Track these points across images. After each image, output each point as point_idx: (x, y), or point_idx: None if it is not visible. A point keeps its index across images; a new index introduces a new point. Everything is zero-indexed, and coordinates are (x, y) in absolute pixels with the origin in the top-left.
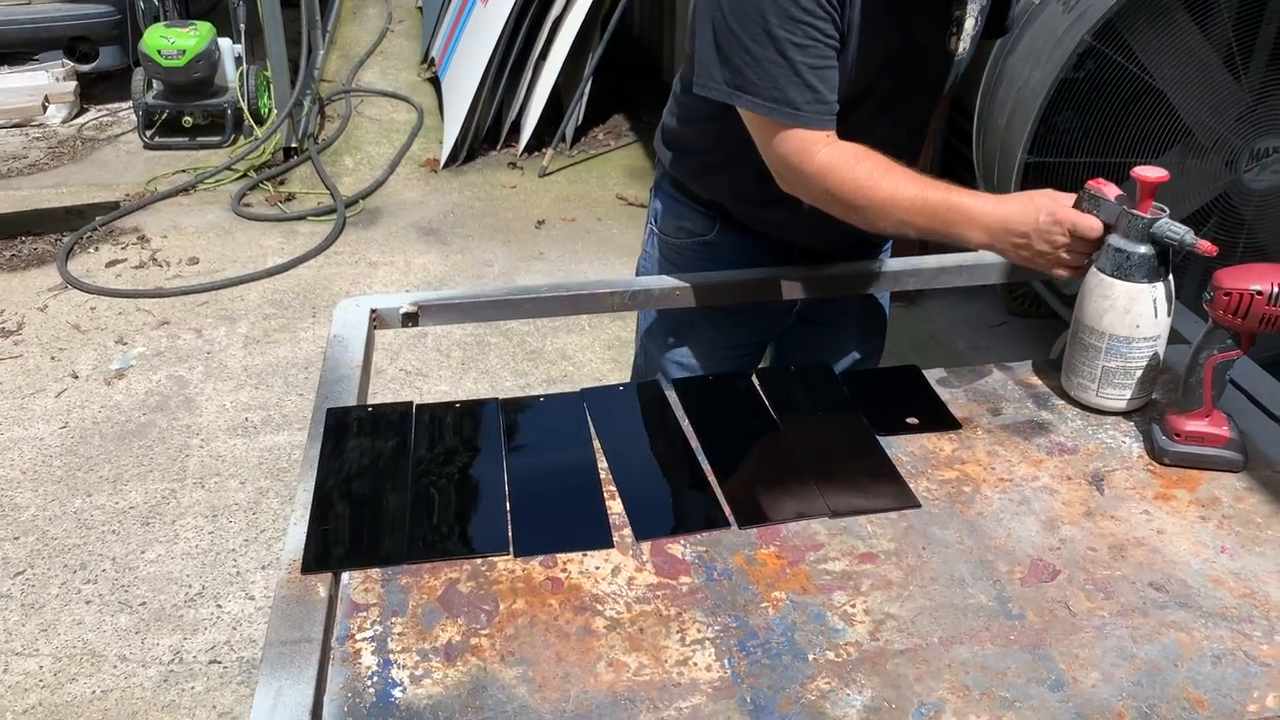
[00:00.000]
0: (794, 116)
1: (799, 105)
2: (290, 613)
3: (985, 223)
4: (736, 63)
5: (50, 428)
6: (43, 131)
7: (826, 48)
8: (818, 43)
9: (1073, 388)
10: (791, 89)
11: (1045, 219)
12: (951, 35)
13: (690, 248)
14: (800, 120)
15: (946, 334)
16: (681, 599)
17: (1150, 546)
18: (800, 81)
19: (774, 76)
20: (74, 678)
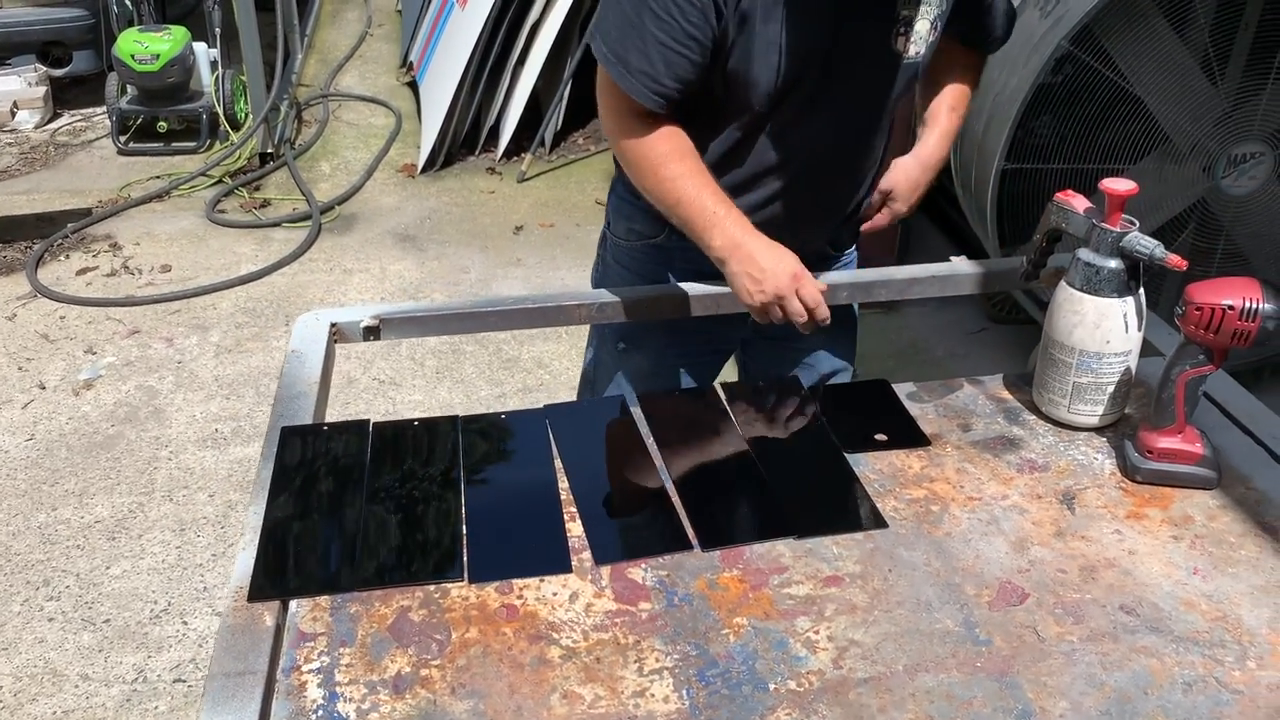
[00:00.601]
0: (622, 77)
1: (631, 70)
2: (234, 643)
3: (735, 239)
4: (607, 10)
5: (16, 440)
6: (15, 137)
7: (685, 35)
8: (675, 22)
9: (1044, 403)
10: (632, 52)
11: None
12: (898, 35)
13: (641, 250)
14: (625, 84)
15: (926, 341)
16: (640, 626)
17: (1121, 568)
18: (642, 49)
19: (624, 33)
20: (34, 698)
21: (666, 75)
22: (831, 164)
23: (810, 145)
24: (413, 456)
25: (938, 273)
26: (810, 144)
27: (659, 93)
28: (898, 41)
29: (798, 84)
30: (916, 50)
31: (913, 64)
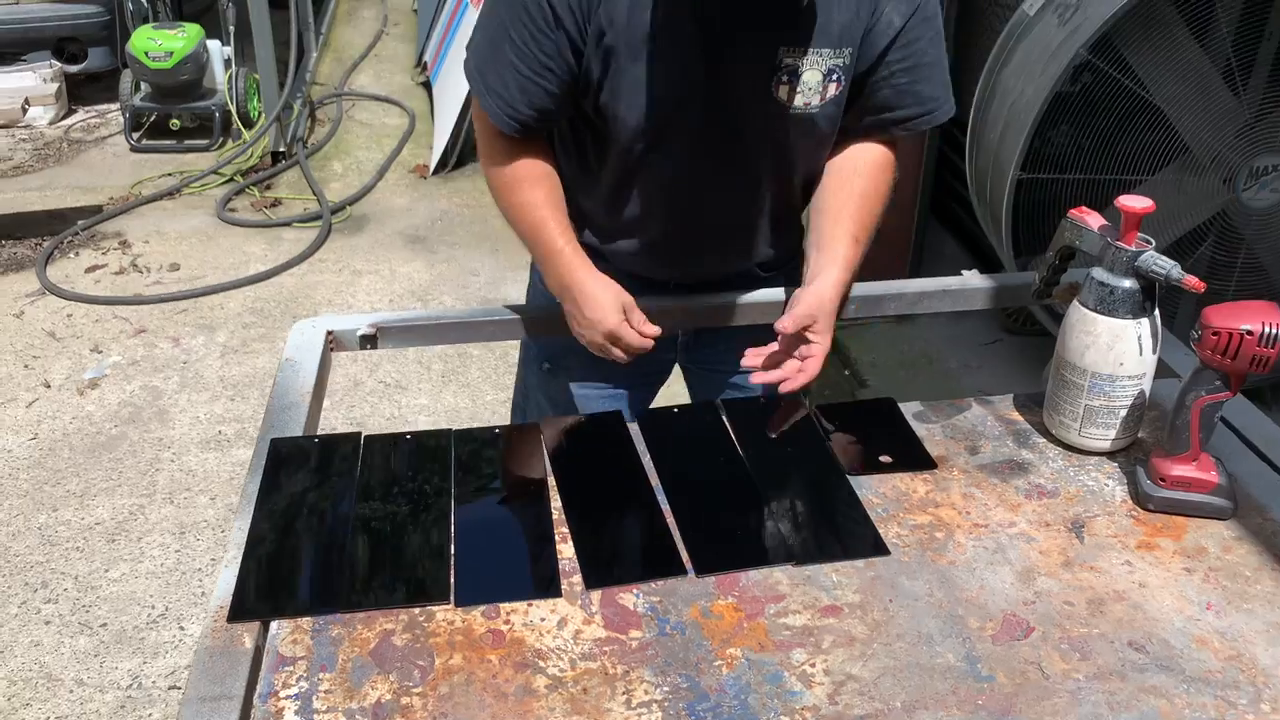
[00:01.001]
0: (481, 96)
1: (489, 90)
2: (212, 666)
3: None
4: (478, 28)
5: (19, 439)
6: (29, 133)
7: (540, 65)
8: (531, 52)
9: (1054, 426)
10: (491, 74)
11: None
12: (780, 84)
13: None
14: (483, 103)
15: (938, 351)
16: (630, 656)
17: (1131, 601)
18: (499, 74)
19: (486, 54)
20: (28, 703)
21: (522, 102)
22: (730, 206)
23: (701, 186)
24: (404, 472)
25: (949, 287)
26: (701, 184)
27: (514, 118)
28: (779, 90)
29: (671, 125)
30: (807, 102)
31: (807, 115)
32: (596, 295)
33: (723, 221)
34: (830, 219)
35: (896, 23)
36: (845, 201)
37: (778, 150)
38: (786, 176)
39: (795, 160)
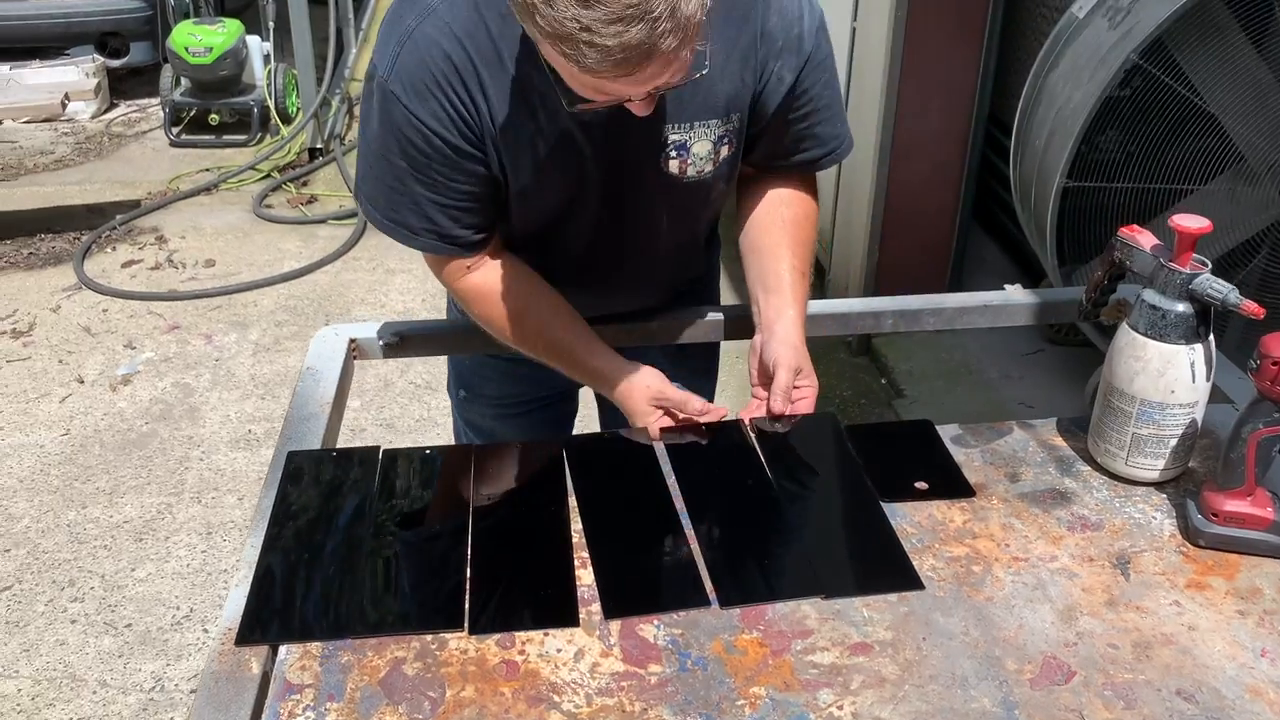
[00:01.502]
0: (409, 239)
1: (415, 230)
2: (218, 692)
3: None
4: (365, 178)
5: (52, 434)
6: (72, 126)
7: (461, 194)
8: (447, 184)
9: (1100, 454)
10: (410, 215)
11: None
12: (669, 159)
13: None
14: (414, 244)
15: (978, 361)
16: (649, 692)
17: (1179, 646)
18: (419, 211)
19: (392, 200)
20: (52, 703)
21: (455, 227)
22: (638, 259)
23: (608, 248)
24: (422, 490)
25: (990, 301)
26: (608, 247)
27: (456, 241)
28: (669, 165)
29: (571, 210)
30: (699, 170)
31: (701, 181)
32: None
33: (633, 271)
34: (770, 256)
35: (788, 78)
36: (779, 235)
37: (678, 211)
38: (691, 224)
39: (698, 213)
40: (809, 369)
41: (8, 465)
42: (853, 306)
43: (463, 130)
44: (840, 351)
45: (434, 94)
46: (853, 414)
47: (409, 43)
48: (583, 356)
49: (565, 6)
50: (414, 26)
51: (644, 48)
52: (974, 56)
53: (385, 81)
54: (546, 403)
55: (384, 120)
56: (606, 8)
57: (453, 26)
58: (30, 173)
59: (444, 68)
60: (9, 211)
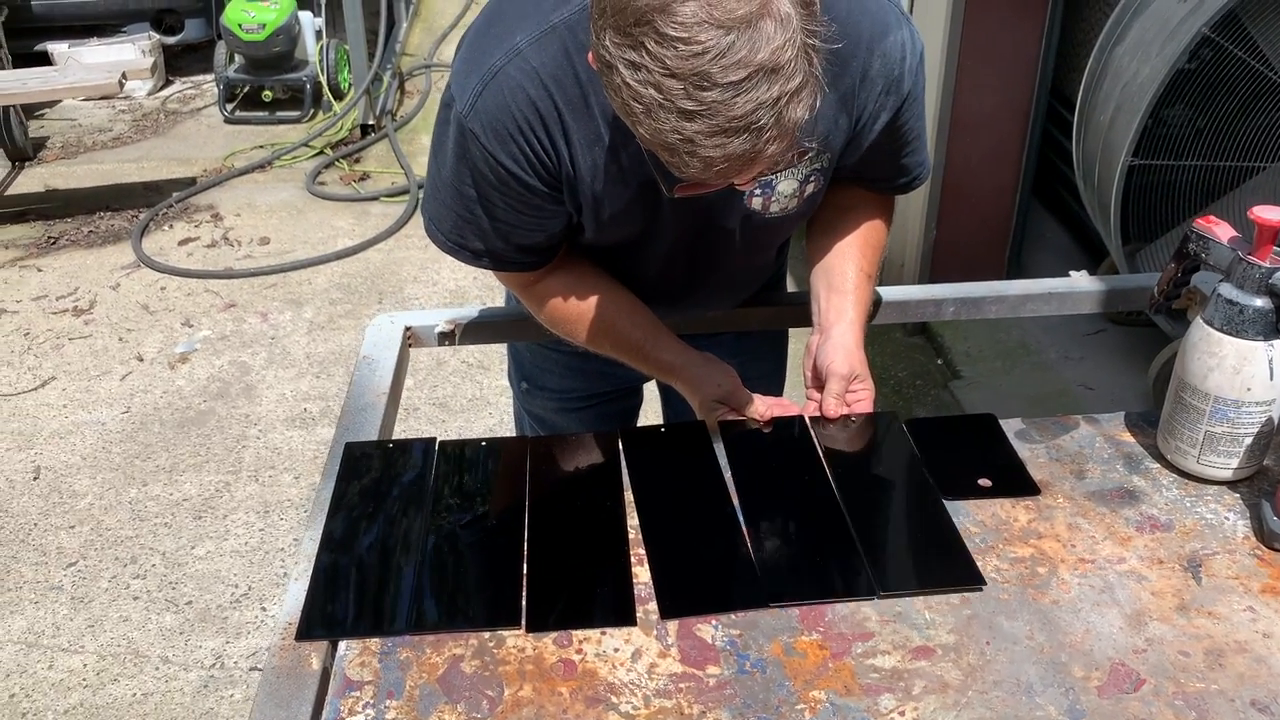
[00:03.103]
0: (472, 260)
1: (478, 254)
2: (279, 688)
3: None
4: (430, 201)
5: (113, 412)
6: (129, 104)
7: (530, 218)
8: (517, 213)
9: (1170, 451)
10: (472, 239)
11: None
12: (753, 197)
13: None
14: (479, 264)
15: (1037, 342)
16: (707, 694)
17: (1254, 654)
18: (481, 235)
19: (458, 225)
20: (116, 678)
21: (520, 254)
22: (711, 281)
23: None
24: (478, 483)
25: (1055, 289)
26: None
27: (517, 263)
28: (753, 202)
29: (645, 242)
30: (782, 208)
31: (784, 218)
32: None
33: (703, 292)
34: (837, 255)
35: (885, 118)
36: (851, 237)
37: (755, 243)
38: (767, 250)
39: (775, 241)
40: (865, 373)
41: (71, 442)
42: (912, 294)
43: (540, 174)
44: (896, 331)
45: (514, 139)
46: (908, 395)
47: (493, 83)
48: (652, 351)
49: (666, 119)
50: (499, 66)
51: (748, 156)
52: (1036, 29)
53: (464, 118)
54: (610, 398)
55: (459, 154)
56: (709, 120)
57: (540, 72)
58: (89, 150)
59: (527, 114)
60: (69, 189)
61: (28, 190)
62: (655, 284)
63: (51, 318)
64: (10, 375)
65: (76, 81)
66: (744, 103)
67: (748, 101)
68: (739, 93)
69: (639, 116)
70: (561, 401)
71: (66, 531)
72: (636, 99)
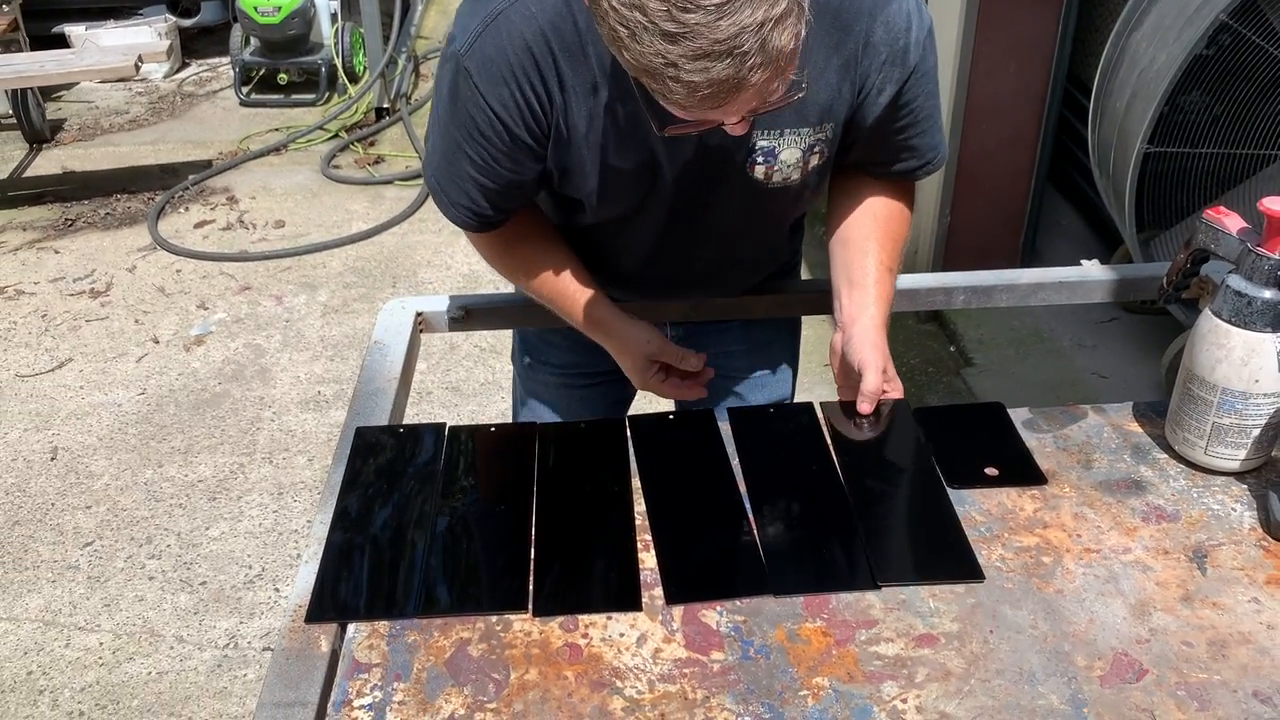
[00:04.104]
0: (445, 208)
1: (453, 202)
2: (288, 670)
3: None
4: (430, 140)
5: (129, 394)
6: (145, 86)
7: (500, 176)
8: (491, 167)
9: (1178, 442)
10: (451, 188)
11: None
12: (754, 165)
13: None
14: (447, 213)
15: (1050, 329)
16: (711, 679)
17: (1258, 645)
18: (461, 187)
19: (442, 169)
20: (132, 656)
21: (488, 207)
22: (713, 258)
23: (679, 247)
24: (487, 468)
25: (1066, 278)
26: (679, 247)
27: (482, 218)
28: (755, 170)
29: (643, 208)
30: (785, 177)
31: (787, 187)
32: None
33: (706, 269)
34: (857, 250)
35: (890, 90)
36: (870, 230)
37: (761, 215)
38: (775, 227)
39: (782, 216)
40: (893, 371)
41: (88, 423)
42: (923, 282)
43: (528, 122)
44: (908, 318)
45: (507, 82)
46: (920, 382)
47: (493, 25)
48: (586, 304)
49: (650, 42)
50: (501, 9)
51: (732, 82)
52: (1053, 14)
53: (461, 57)
54: (612, 378)
55: (452, 92)
56: (692, 43)
57: (539, 18)
58: (106, 133)
59: (523, 59)
60: (86, 171)
61: (45, 172)
62: (653, 261)
63: (69, 299)
64: (28, 356)
65: (93, 64)
66: (727, 25)
67: (731, 25)
68: (722, 15)
69: (624, 41)
70: (564, 377)
71: (83, 511)
72: (622, 22)
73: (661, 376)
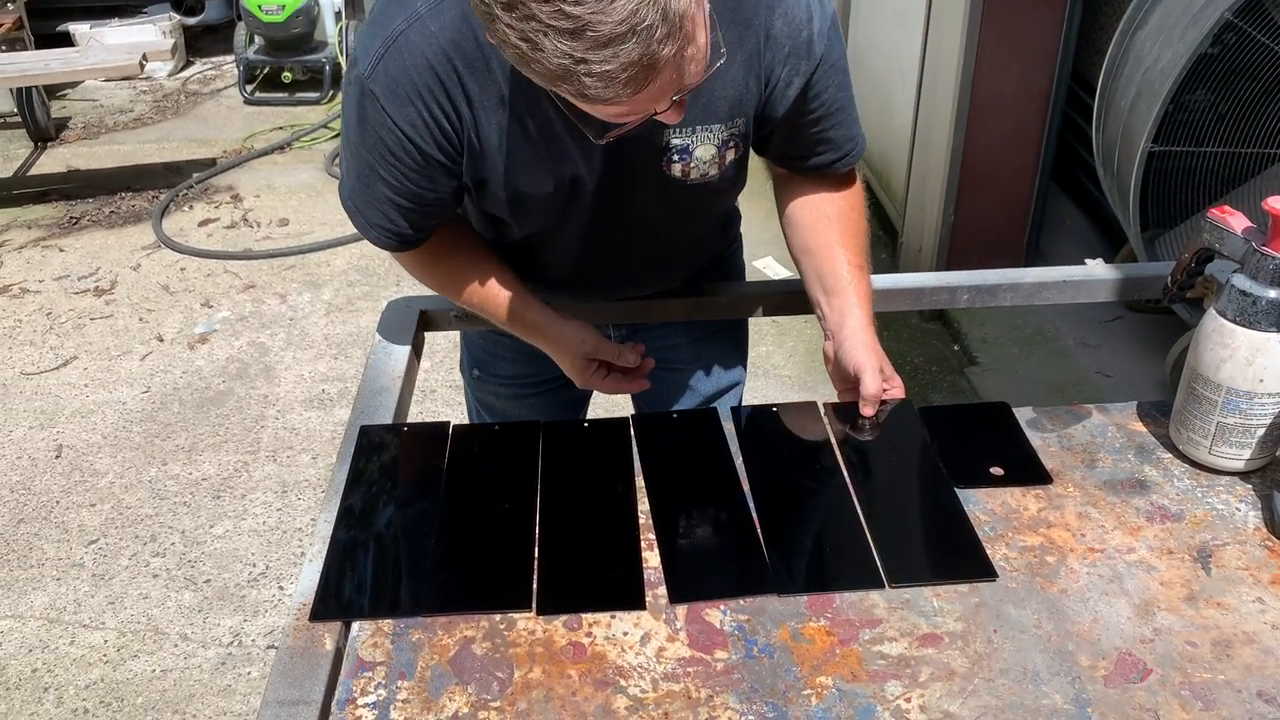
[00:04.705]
0: (363, 229)
1: (370, 223)
2: (292, 668)
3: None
4: (344, 163)
5: (133, 392)
6: (150, 84)
7: (414, 195)
8: (405, 185)
9: (1182, 441)
10: (368, 209)
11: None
12: (671, 163)
13: None
14: (367, 235)
15: (1054, 328)
16: (715, 679)
17: (1262, 645)
18: (378, 207)
19: (357, 190)
20: (136, 654)
21: (406, 225)
22: (641, 257)
23: (606, 250)
24: (491, 467)
25: (1070, 277)
26: (606, 249)
27: (402, 238)
28: (672, 169)
29: (564, 216)
30: (702, 174)
31: (706, 183)
32: (559, 342)
33: (634, 267)
34: (823, 256)
35: (797, 83)
36: (828, 233)
37: (683, 212)
38: (699, 222)
39: (705, 212)
40: (889, 369)
41: (93, 421)
42: (926, 281)
43: (439, 140)
44: (912, 317)
45: (413, 101)
46: (924, 381)
47: (394, 46)
48: (520, 310)
49: (552, 44)
50: (400, 30)
51: (645, 61)
52: (1058, 12)
53: (365, 80)
54: (562, 384)
55: (360, 116)
56: (593, 33)
57: (439, 36)
58: (110, 131)
59: (426, 78)
60: (91, 170)
61: (50, 170)
62: (583, 265)
63: (73, 297)
64: (33, 354)
65: (98, 62)
66: (621, 6)
67: (624, 3)
68: None
69: (528, 54)
70: (514, 388)
71: (88, 509)
72: (521, 37)
73: (603, 374)
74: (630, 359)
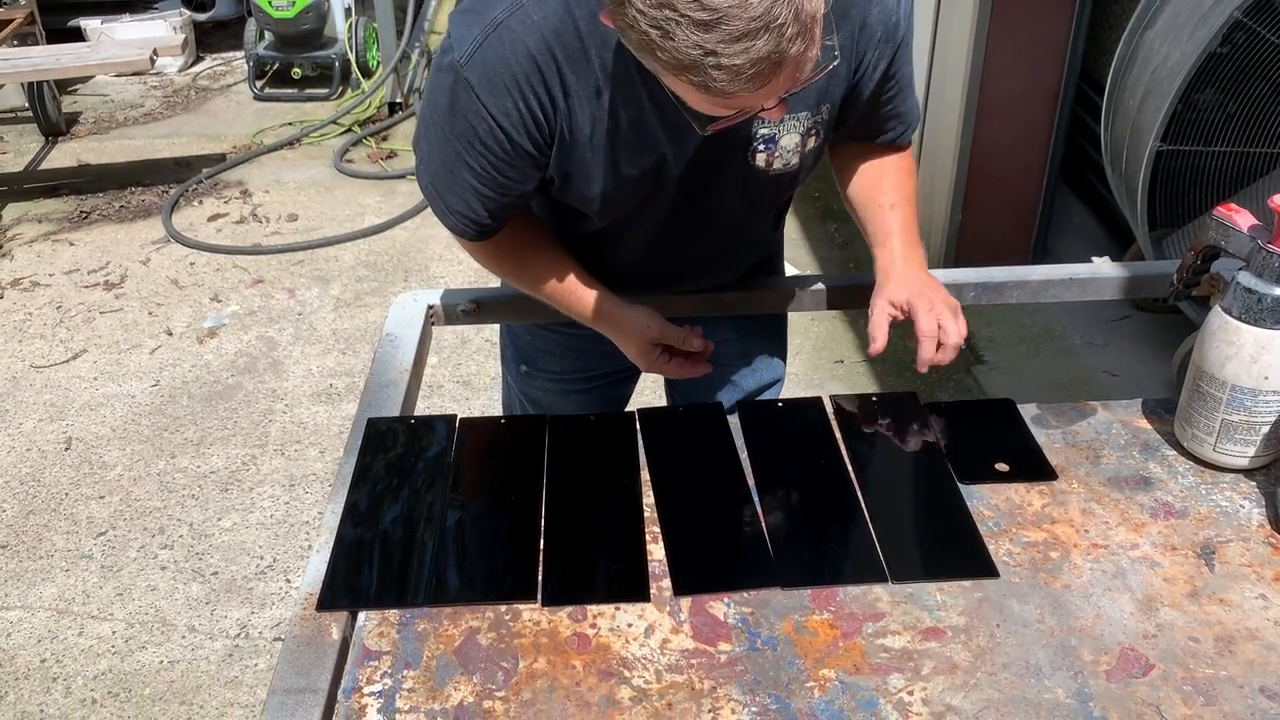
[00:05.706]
0: (442, 215)
1: (450, 209)
2: (299, 656)
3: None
4: (425, 143)
5: (142, 385)
6: (160, 79)
7: (500, 185)
8: (491, 175)
9: (1187, 439)
10: (450, 195)
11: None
12: (756, 153)
13: None
14: (445, 220)
15: (1062, 327)
16: (718, 670)
17: (1265, 641)
18: (460, 195)
19: (440, 175)
20: (144, 645)
21: (486, 215)
22: (709, 248)
23: (677, 240)
24: (497, 460)
25: (1077, 275)
26: (677, 239)
27: (481, 227)
28: (756, 158)
29: (645, 206)
30: (785, 163)
31: (786, 172)
32: (622, 328)
33: (704, 256)
34: (871, 210)
35: (883, 67)
36: (873, 185)
37: (758, 201)
38: (768, 212)
39: (777, 201)
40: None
41: (102, 414)
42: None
43: (530, 131)
44: None
45: (510, 92)
46: (930, 379)
47: (494, 35)
48: (585, 297)
49: (685, 35)
50: (501, 19)
51: (773, 58)
52: (1067, 11)
53: (461, 68)
54: (610, 380)
55: (452, 103)
56: (728, 27)
57: (541, 26)
58: (120, 126)
59: (526, 68)
60: (101, 164)
61: (60, 165)
62: (655, 252)
63: (83, 291)
64: (43, 348)
65: (109, 57)
66: (757, 3)
67: (761, 1)
68: None
69: (657, 42)
70: (562, 383)
71: (96, 501)
72: (653, 24)
73: (666, 358)
74: (695, 344)
